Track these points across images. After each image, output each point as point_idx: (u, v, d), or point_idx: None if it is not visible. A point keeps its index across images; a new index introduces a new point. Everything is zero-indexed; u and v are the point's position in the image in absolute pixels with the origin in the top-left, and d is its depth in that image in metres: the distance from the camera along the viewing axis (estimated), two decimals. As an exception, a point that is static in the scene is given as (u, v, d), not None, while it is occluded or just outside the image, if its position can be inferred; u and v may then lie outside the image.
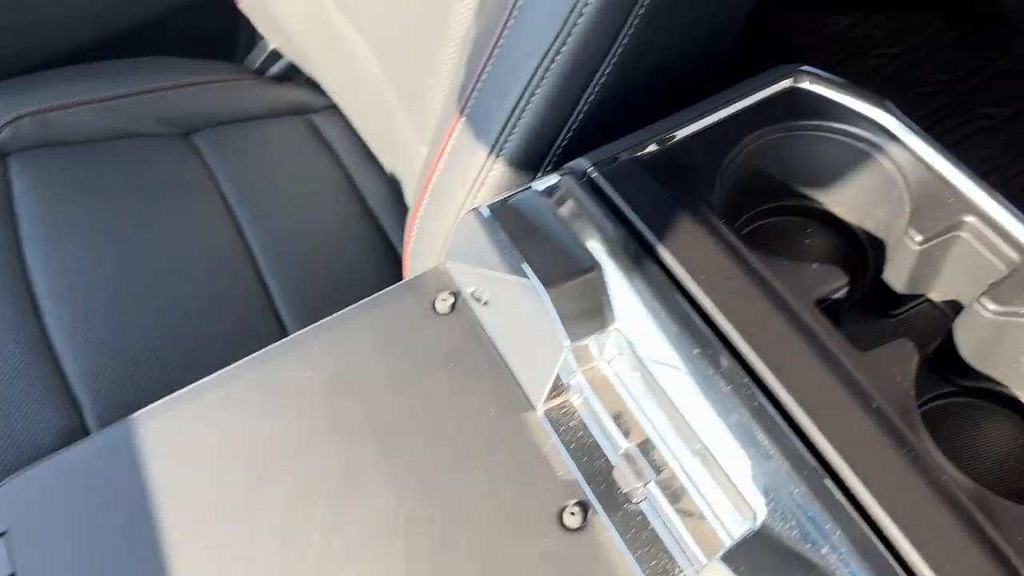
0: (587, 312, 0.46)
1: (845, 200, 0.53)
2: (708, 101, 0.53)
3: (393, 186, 0.91)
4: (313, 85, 1.02)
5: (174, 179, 0.88)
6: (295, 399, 0.50)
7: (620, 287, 0.46)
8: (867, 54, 1.16)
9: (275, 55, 1.03)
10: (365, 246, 0.88)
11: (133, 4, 1.04)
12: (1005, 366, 0.46)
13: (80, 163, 0.88)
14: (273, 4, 0.92)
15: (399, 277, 0.86)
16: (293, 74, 1.04)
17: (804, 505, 0.38)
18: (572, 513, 0.44)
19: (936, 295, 0.51)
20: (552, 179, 0.51)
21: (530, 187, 0.51)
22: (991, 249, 0.46)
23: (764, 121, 0.51)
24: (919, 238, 0.46)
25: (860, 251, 0.53)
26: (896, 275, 0.49)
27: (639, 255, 0.47)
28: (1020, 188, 1.06)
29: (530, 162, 0.56)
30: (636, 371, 0.45)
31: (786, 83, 0.53)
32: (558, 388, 0.48)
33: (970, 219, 0.46)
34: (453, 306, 0.52)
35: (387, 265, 0.87)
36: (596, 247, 0.48)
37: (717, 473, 0.41)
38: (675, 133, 0.52)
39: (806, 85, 0.52)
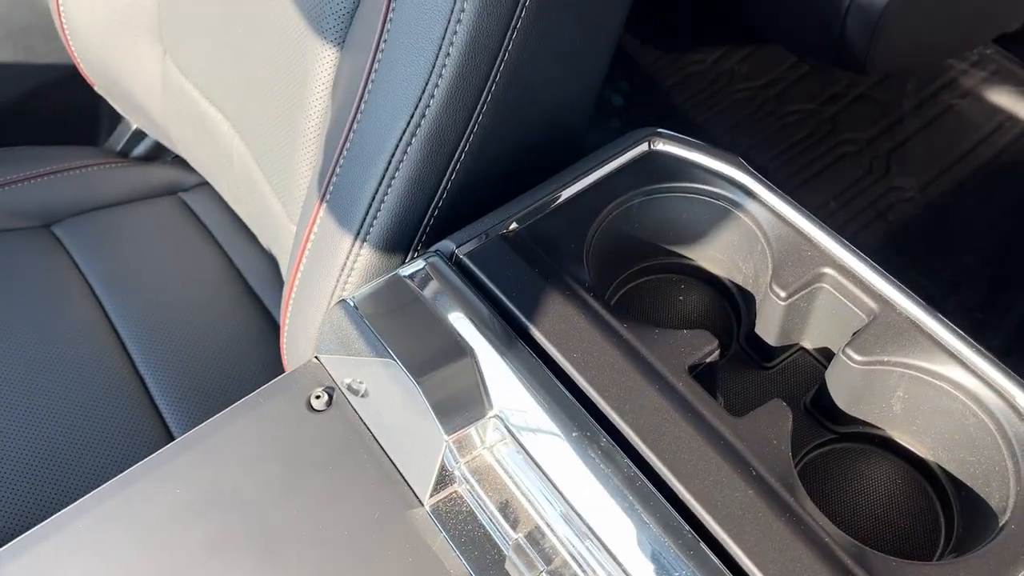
0: (463, 399, 0.45)
1: (713, 255, 0.54)
2: (568, 171, 0.53)
3: (273, 263, 0.88)
4: (182, 162, 0.99)
5: (33, 276, 0.83)
6: (166, 523, 0.47)
7: (494, 371, 0.45)
8: (732, 88, 1.20)
9: (139, 134, 1.00)
10: (248, 327, 0.85)
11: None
12: (878, 410, 0.47)
13: (-73, 268, 0.82)
14: (130, 87, 0.88)
15: (278, 348, 0.83)
16: (160, 152, 1.01)
17: (694, 586, 0.38)
18: (467, 613, 0.43)
19: (808, 343, 0.51)
20: (418, 264, 0.50)
21: (396, 273, 0.50)
22: (850, 299, 0.47)
23: (625, 187, 0.52)
24: (783, 293, 0.47)
25: (733, 304, 0.54)
26: (767, 328, 0.50)
27: (511, 336, 0.46)
28: (888, 207, 1.11)
29: (398, 245, 0.54)
30: (518, 457, 0.44)
31: (642, 147, 0.53)
32: (444, 478, 0.46)
33: (828, 271, 0.47)
34: (329, 402, 0.50)
35: (272, 346, 0.84)
36: (467, 330, 0.47)
37: (607, 559, 0.40)
38: (538, 207, 0.51)
39: (661, 147, 0.53)
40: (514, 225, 0.50)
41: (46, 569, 0.46)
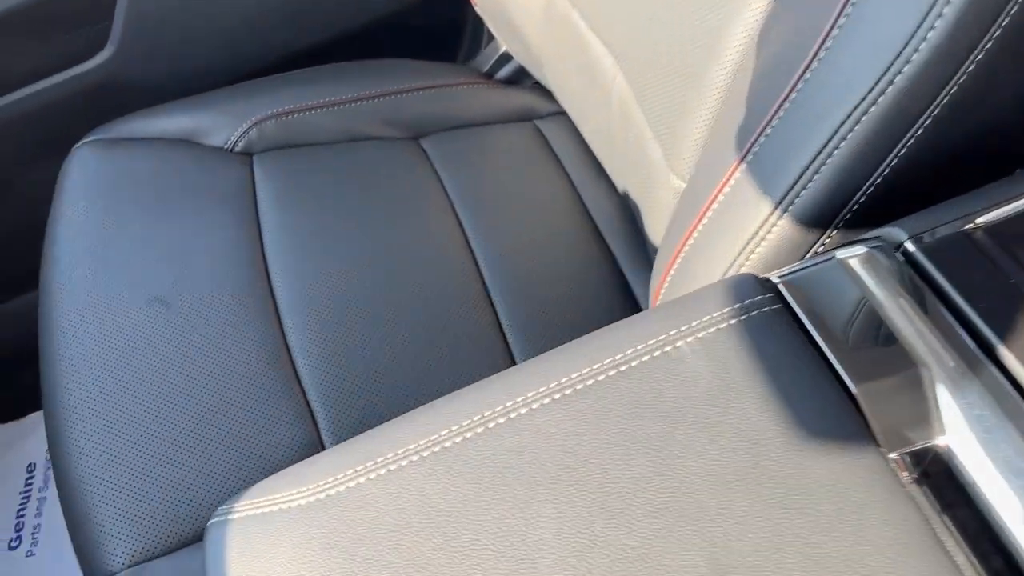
0: (907, 417, 0.40)
1: None
2: (1057, 166, 0.44)
3: (622, 204, 0.86)
4: (540, 88, 0.99)
5: (404, 182, 0.88)
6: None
7: (950, 393, 0.40)
8: None
9: (504, 58, 1.01)
10: (592, 267, 0.84)
11: (365, 5, 1.05)
12: None
13: (317, 164, 0.89)
14: (512, 7, 0.89)
15: (622, 297, 0.82)
16: (521, 77, 1.02)
17: None
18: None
19: None
20: (858, 249, 0.45)
21: (833, 256, 0.45)
22: None
23: None
24: None
25: None
26: None
27: (974, 355, 0.40)
28: None
29: (818, 223, 0.49)
30: (964, 498, 0.39)
31: None
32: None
33: None
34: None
35: (610, 284, 0.83)
36: (918, 340, 0.41)
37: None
38: (1013, 203, 0.44)
39: None
40: (981, 220, 0.44)
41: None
